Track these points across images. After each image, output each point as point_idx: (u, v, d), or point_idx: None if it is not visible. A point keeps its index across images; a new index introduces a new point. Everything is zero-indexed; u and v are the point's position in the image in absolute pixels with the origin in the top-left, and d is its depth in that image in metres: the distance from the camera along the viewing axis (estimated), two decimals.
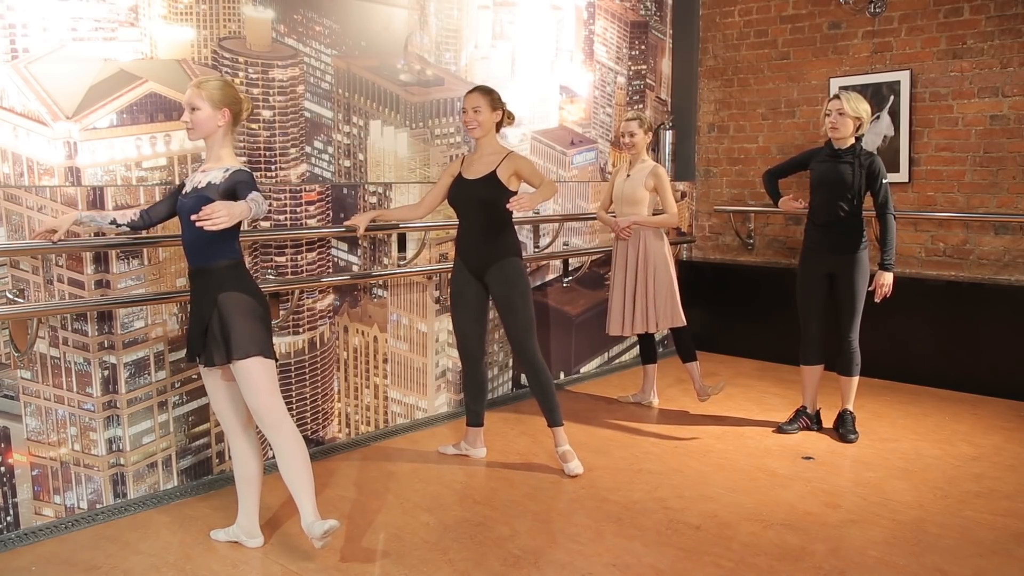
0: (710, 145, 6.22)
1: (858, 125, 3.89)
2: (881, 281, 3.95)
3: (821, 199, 4.03)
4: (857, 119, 3.87)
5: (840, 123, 3.87)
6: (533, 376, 3.66)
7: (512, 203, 3.32)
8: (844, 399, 4.17)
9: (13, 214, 2.97)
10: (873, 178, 3.90)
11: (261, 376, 2.69)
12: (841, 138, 3.92)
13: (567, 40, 5.22)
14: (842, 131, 3.89)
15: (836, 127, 3.88)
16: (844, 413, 4.16)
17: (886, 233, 3.92)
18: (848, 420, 4.14)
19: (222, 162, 2.74)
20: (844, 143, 3.94)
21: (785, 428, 4.21)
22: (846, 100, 3.86)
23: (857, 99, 3.89)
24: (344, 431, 4.12)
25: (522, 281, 3.61)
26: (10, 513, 3.04)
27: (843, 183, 3.92)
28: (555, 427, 3.71)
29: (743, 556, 2.87)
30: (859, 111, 3.87)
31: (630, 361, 5.80)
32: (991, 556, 2.87)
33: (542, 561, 2.84)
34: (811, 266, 4.09)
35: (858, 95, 3.93)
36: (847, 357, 4.07)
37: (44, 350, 3.09)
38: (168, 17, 3.32)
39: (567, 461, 3.66)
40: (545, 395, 3.68)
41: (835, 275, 4.02)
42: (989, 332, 4.86)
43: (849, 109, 3.85)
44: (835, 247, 3.99)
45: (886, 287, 3.95)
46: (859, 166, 3.90)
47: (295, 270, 3.82)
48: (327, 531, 2.67)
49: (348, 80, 3.97)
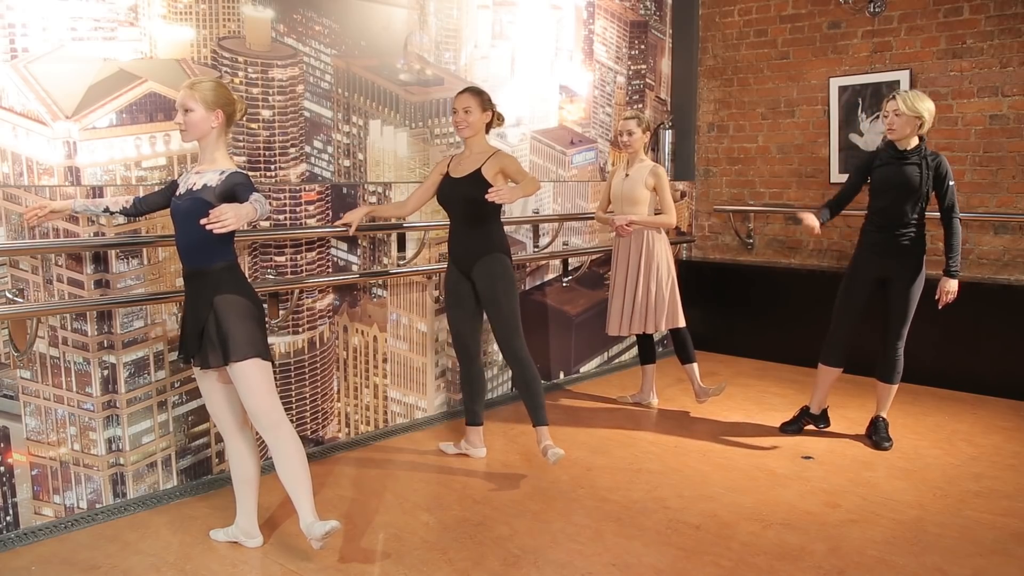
0: (710, 145, 6.22)
1: (919, 124, 3.73)
2: (947, 288, 3.81)
3: (885, 202, 3.85)
4: (917, 118, 3.71)
5: (897, 123, 3.73)
6: (518, 372, 3.65)
7: (491, 193, 3.31)
8: (880, 406, 4.07)
9: (13, 214, 2.97)
10: (940, 180, 3.76)
11: (258, 378, 2.69)
12: (901, 138, 3.77)
13: (567, 40, 5.22)
14: (899, 131, 3.74)
15: (893, 128, 3.74)
16: (878, 420, 4.07)
17: (952, 237, 3.79)
18: (882, 427, 4.05)
19: (216, 164, 2.73)
20: (907, 143, 3.78)
21: (787, 428, 4.21)
22: (902, 100, 3.70)
23: (916, 97, 3.72)
24: (344, 431, 4.12)
25: (507, 276, 3.61)
26: (10, 513, 3.04)
27: (909, 185, 3.77)
28: (539, 427, 3.65)
29: (743, 556, 2.87)
30: (918, 109, 3.69)
31: (629, 361, 5.80)
32: (991, 555, 2.87)
33: (542, 561, 2.84)
34: (864, 269, 3.94)
35: (918, 93, 3.76)
36: (891, 364, 3.98)
37: (44, 350, 3.09)
38: (168, 17, 3.32)
39: (548, 451, 3.56)
40: (530, 392, 3.65)
41: (890, 280, 3.88)
42: (989, 332, 4.86)
43: (906, 108, 3.69)
44: (897, 251, 3.85)
45: (951, 294, 3.82)
46: (926, 167, 3.75)
47: (295, 270, 3.82)
48: (328, 532, 2.66)
49: (348, 80, 3.97)
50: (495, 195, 3.31)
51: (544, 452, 3.61)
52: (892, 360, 3.99)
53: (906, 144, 3.79)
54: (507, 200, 3.34)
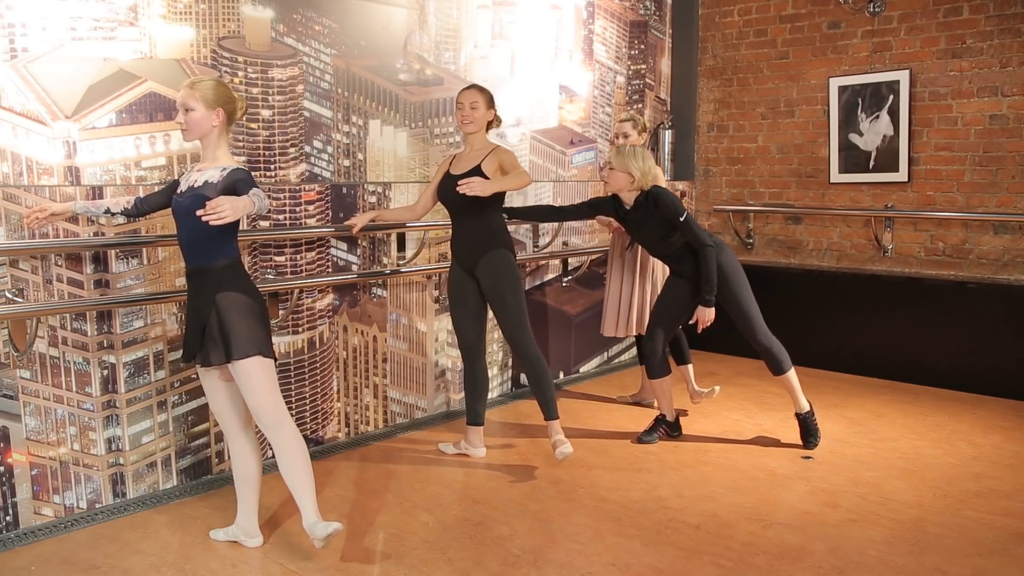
0: (709, 145, 6.22)
1: (632, 181, 3.70)
2: (703, 316, 3.77)
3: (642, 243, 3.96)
4: (628, 174, 3.69)
5: (611, 179, 3.75)
6: (529, 369, 3.66)
7: (461, 185, 3.30)
8: (793, 403, 4.02)
9: (12, 214, 2.97)
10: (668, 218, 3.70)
11: (261, 376, 2.69)
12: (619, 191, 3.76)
13: (566, 40, 5.22)
14: (613, 186, 3.75)
15: (607, 183, 3.76)
16: (798, 417, 4.03)
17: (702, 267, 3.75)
18: (808, 423, 4.00)
19: (218, 162, 2.73)
20: (628, 198, 3.76)
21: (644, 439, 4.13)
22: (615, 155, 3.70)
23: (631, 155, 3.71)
24: (344, 431, 4.12)
25: (510, 273, 3.61)
26: (9, 513, 3.04)
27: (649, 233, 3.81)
28: (550, 420, 3.70)
29: (742, 555, 2.87)
30: (628, 167, 3.69)
31: (629, 361, 5.80)
32: (990, 555, 2.87)
33: (541, 561, 2.84)
34: (671, 290, 3.99)
35: (635, 150, 3.74)
36: (769, 356, 3.93)
37: (43, 350, 3.09)
38: (167, 17, 3.32)
39: (557, 446, 3.60)
40: (540, 387, 3.68)
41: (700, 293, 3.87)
42: (989, 332, 4.86)
43: (618, 165, 3.70)
44: (683, 272, 3.86)
45: (706, 323, 3.77)
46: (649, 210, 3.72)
47: (294, 270, 3.82)
48: (330, 534, 2.66)
49: (347, 79, 3.97)
50: (466, 187, 3.28)
51: (554, 447, 3.63)
52: (765, 353, 3.90)
53: (628, 200, 3.79)
54: (480, 192, 3.30)
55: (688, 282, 3.87)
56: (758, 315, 3.88)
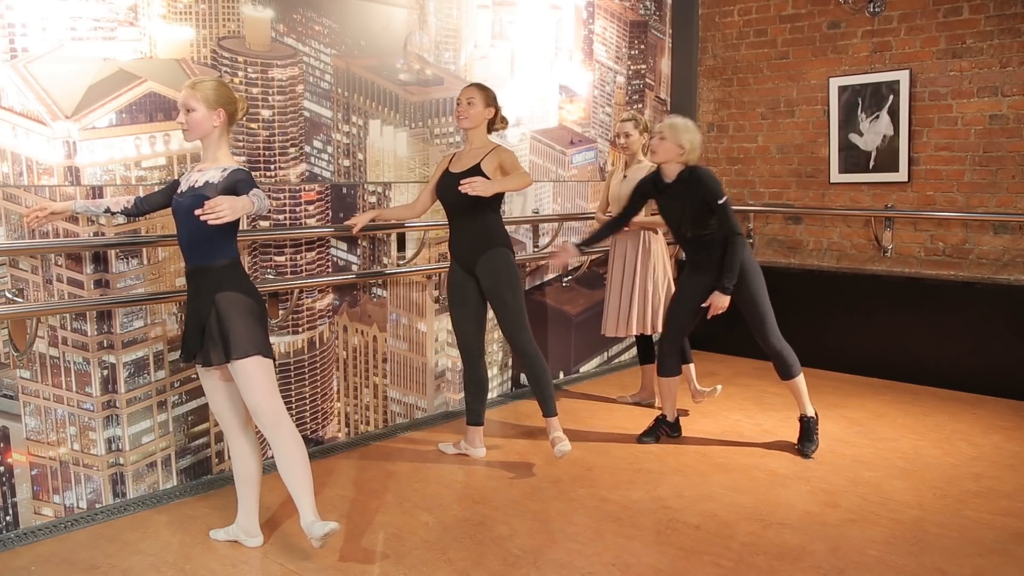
0: (709, 145, 6.22)
1: (681, 152, 3.72)
2: (716, 302, 3.74)
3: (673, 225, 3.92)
4: (679, 146, 3.70)
5: (660, 149, 3.74)
6: (527, 367, 3.67)
7: (463, 185, 3.30)
8: (799, 405, 4.00)
9: (12, 214, 2.97)
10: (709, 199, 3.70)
11: (260, 375, 2.69)
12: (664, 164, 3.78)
13: (566, 40, 5.22)
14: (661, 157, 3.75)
15: (655, 151, 3.76)
16: (802, 420, 3.99)
17: (725, 255, 3.73)
18: (810, 427, 3.96)
19: (219, 162, 2.73)
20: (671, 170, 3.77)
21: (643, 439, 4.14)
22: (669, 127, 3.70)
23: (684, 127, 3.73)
24: (344, 431, 4.12)
25: (510, 271, 3.61)
26: (9, 513, 3.04)
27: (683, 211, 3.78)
28: (549, 417, 3.71)
29: (742, 555, 2.87)
30: (680, 138, 3.70)
31: (629, 361, 5.80)
32: (990, 555, 2.87)
33: (541, 561, 2.84)
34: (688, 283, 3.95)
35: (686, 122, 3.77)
36: (779, 360, 3.89)
37: (43, 350, 3.09)
38: (167, 16, 3.32)
39: (555, 444, 3.63)
40: (540, 385, 3.69)
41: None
42: (989, 332, 4.86)
43: (669, 135, 3.70)
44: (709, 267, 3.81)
45: (719, 308, 3.74)
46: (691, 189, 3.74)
47: (294, 270, 3.82)
48: (327, 534, 2.66)
49: (347, 79, 3.97)
50: (468, 187, 3.28)
51: (552, 444, 3.63)
52: (775, 357, 3.87)
53: (670, 174, 3.78)
54: (481, 192, 3.29)
55: (704, 279, 3.82)
56: (772, 317, 3.85)
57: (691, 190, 3.73)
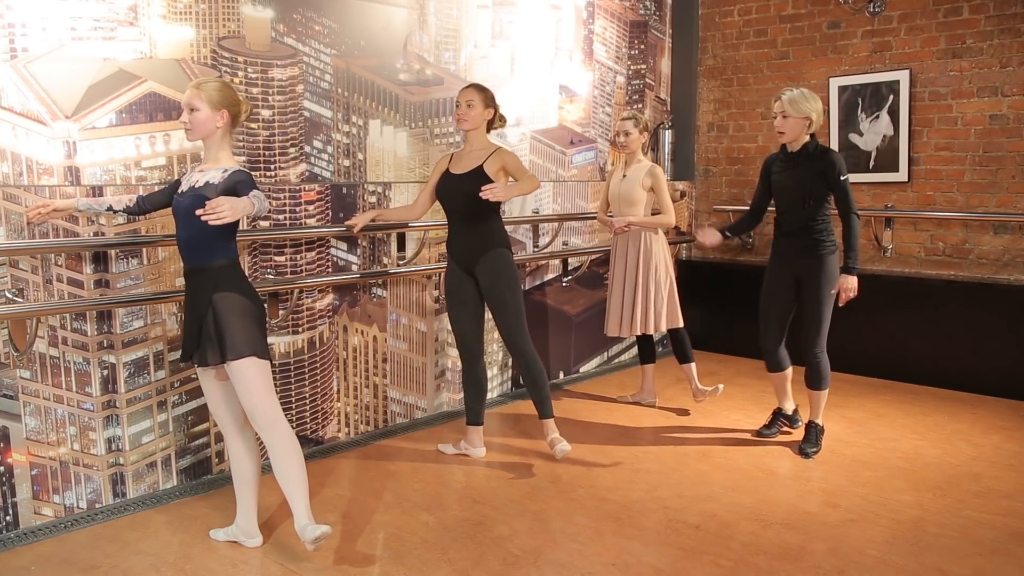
0: (709, 145, 6.22)
1: (808, 124, 3.68)
2: (845, 284, 3.70)
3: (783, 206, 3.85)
4: (805, 119, 3.66)
5: (786, 126, 3.69)
6: (524, 368, 3.68)
7: (485, 190, 3.30)
8: (812, 411, 3.98)
9: (12, 214, 2.97)
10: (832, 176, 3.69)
11: (256, 376, 2.69)
12: (791, 141, 3.74)
13: (566, 40, 5.22)
14: (789, 134, 3.71)
15: (782, 131, 3.71)
16: (810, 426, 3.99)
17: (848, 236, 3.71)
18: (813, 434, 3.97)
19: (220, 163, 2.73)
20: (796, 145, 3.74)
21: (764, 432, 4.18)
22: (788, 101, 3.66)
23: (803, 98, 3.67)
24: (343, 430, 4.12)
25: (510, 272, 3.62)
26: (9, 513, 3.04)
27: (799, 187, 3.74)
28: (545, 419, 3.73)
29: (742, 555, 2.87)
30: (804, 111, 3.65)
31: (629, 361, 5.80)
32: (990, 555, 2.87)
33: (541, 560, 2.84)
34: (775, 274, 3.94)
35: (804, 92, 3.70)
36: (814, 369, 3.88)
37: (43, 350, 3.09)
38: (167, 16, 3.32)
39: (555, 445, 3.68)
40: (536, 387, 3.70)
41: (801, 283, 3.83)
42: (989, 332, 4.86)
43: (792, 110, 3.64)
44: (801, 254, 3.80)
45: (850, 291, 3.71)
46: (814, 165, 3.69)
47: (294, 269, 3.82)
48: (319, 537, 2.65)
49: (347, 79, 3.97)
50: (489, 192, 3.29)
51: (551, 445, 3.65)
52: (813, 366, 3.87)
53: (795, 146, 3.76)
54: (502, 198, 3.33)
55: (789, 270, 3.83)
56: (828, 324, 3.81)
57: (809, 165, 3.71)
